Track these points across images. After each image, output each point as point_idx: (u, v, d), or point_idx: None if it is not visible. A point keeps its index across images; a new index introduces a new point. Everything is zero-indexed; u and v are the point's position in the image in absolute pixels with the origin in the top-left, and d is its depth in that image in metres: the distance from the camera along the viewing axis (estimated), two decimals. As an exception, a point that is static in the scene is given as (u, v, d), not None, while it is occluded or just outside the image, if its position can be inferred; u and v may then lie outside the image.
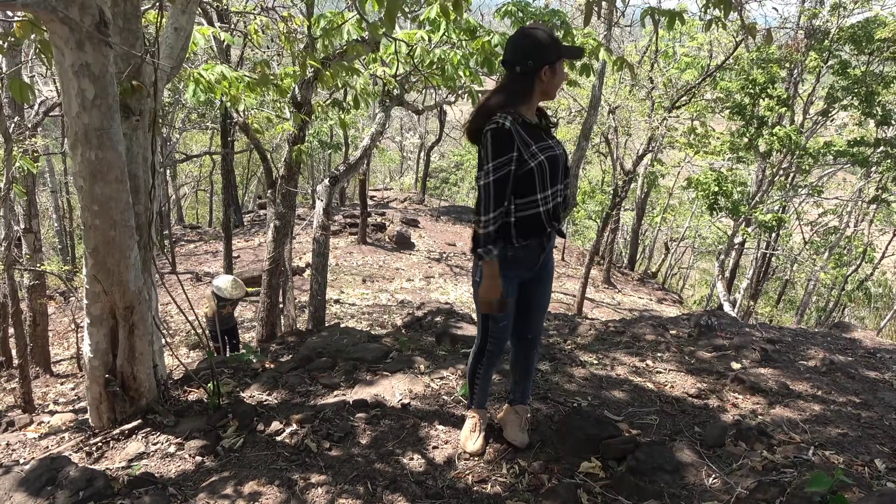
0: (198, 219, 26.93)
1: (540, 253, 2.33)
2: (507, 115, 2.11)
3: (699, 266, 25.93)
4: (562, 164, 2.24)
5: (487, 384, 2.64)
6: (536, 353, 2.60)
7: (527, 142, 2.14)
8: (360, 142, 8.33)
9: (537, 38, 2.13)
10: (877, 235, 17.47)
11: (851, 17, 11.60)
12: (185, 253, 16.03)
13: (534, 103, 2.23)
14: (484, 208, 2.13)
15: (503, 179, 2.12)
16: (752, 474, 2.31)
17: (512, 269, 2.30)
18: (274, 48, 9.42)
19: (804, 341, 4.55)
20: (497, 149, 2.09)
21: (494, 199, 2.12)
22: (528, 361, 2.60)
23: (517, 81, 2.17)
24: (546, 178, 2.18)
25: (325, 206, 6.66)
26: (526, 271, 2.36)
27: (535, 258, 2.33)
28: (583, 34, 5.42)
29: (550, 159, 2.18)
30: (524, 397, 2.67)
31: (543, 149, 2.17)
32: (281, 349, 5.24)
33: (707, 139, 12.89)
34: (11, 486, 2.27)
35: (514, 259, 2.28)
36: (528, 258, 2.31)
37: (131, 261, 2.66)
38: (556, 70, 2.15)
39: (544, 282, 2.47)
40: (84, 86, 2.31)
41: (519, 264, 2.31)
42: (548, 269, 2.47)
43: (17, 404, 6.60)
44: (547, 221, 2.25)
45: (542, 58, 2.11)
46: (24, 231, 7.70)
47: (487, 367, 2.56)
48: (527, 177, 2.15)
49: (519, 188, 2.17)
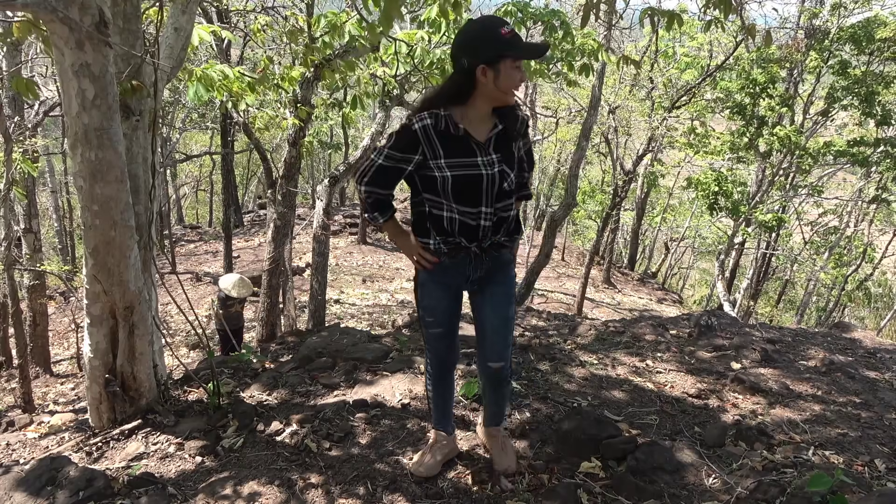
0: (198, 219, 26.94)
1: (469, 265, 2.10)
2: (428, 117, 1.92)
3: (699, 266, 25.95)
4: (489, 185, 1.97)
5: (440, 402, 2.39)
6: (505, 388, 2.32)
7: (436, 151, 1.93)
8: (360, 142, 8.34)
9: (475, 32, 1.88)
10: (877, 235, 17.48)
11: (851, 17, 11.61)
12: (185, 253, 16.05)
13: (478, 107, 1.96)
14: (359, 177, 2.06)
15: (389, 171, 2.00)
16: (752, 474, 2.31)
17: (438, 272, 2.13)
18: (275, 48, 9.43)
19: (804, 341, 4.55)
20: (397, 144, 1.95)
21: (371, 178, 2.03)
22: (495, 395, 2.34)
23: (451, 80, 1.96)
24: (449, 194, 1.96)
25: (325, 206, 6.66)
26: (459, 280, 2.14)
27: (462, 268, 2.10)
28: (582, 35, 5.42)
29: (463, 178, 1.94)
30: (495, 419, 2.42)
31: (460, 165, 1.94)
32: (281, 349, 5.24)
33: (707, 139, 12.89)
34: (11, 486, 2.27)
35: (439, 263, 2.11)
36: (454, 266, 2.10)
37: (131, 261, 2.66)
38: (501, 70, 1.87)
39: (492, 297, 2.18)
40: (84, 86, 2.31)
41: (444, 270, 2.12)
42: (496, 285, 2.18)
43: (17, 404, 6.60)
44: (461, 233, 2.02)
45: (477, 55, 1.86)
46: (24, 231, 7.70)
47: (433, 383, 2.36)
48: (431, 181, 1.98)
49: (426, 186, 2.01)
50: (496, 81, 1.89)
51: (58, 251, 16.47)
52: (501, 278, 2.19)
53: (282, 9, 6.63)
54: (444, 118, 1.93)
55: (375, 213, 2.12)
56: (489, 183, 1.97)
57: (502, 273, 2.19)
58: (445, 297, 2.19)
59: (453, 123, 1.93)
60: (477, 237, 2.04)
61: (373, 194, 2.08)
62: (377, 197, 2.09)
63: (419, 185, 2.04)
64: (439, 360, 2.32)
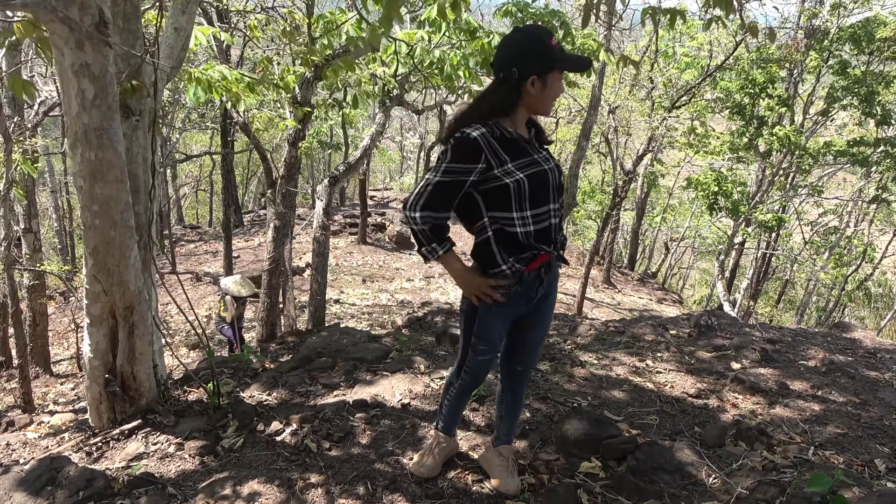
0: (198, 219, 26.94)
1: (538, 284, 2.03)
2: (481, 126, 1.86)
3: (699, 266, 25.95)
4: (553, 181, 1.96)
5: (456, 411, 2.39)
6: (524, 390, 2.33)
7: (501, 158, 1.86)
8: (360, 142, 8.34)
9: (526, 42, 1.86)
10: (877, 235, 17.48)
11: (851, 17, 11.61)
12: (185, 253, 16.04)
13: (519, 117, 1.94)
14: (411, 204, 1.87)
15: (448, 188, 1.85)
16: (752, 474, 2.31)
17: (506, 304, 2.01)
18: (274, 48, 9.43)
19: (804, 341, 4.55)
20: (456, 157, 1.83)
21: (426, 201, 1.85)
22: (514, 395, 2.31)
23: (499, 91, 1.90)
24: (525, 197, 1.89)
25: (325, 206, 6.66)
26: (522, 305, 2.06)
27: (531, 290, 2.03)
28: (583, 35, 5.42)
29: (534, 176, 1.90)
30: (509, 436, 2.38)
31: (526, 165, 1.90)
32: (281, 349, 5.24)
33: (707, 139, 12.89)
34: (11, 486, 2.27)
35: (505, 294, 1.99)
36: (525, 290, 2.01)
37: (131, 261, 2.66)
38: (548, 82, 1.86)
39: (543, 316, 2.17)
40: (84, 86, 2.31)
41: (512, 298, 2.01)
42: (548, 301, 2.16)
43: (17, 404, 6.60)
44: (539, 240, 1.95)
45: (528, 67, 1.84)
46: (23, 231, 7.70)
47: (458, 396, 2.31)
48: (500, 192, 1.89)
49: (493, 203, 1.92)
50: (543, 92, 1.88)
51: (58, 251, 16.46)
52: (553, 299, 2.18)
53: (281, 8, 6.62)
54: (493, 125, 1.88)
55: (434, 245, 1.90)
56: (553, 177, 1.97)
57: (553, 293, 2.17)
58: (505, 325, 2.11)
59: (505, 129, 1.90)
60: (552, 238, 1.99)
61: (429, 219, 1.87)
62: (434, 223, 1.88)
63: (484, 204, 1.94)
64: (476, 381, 2.24)
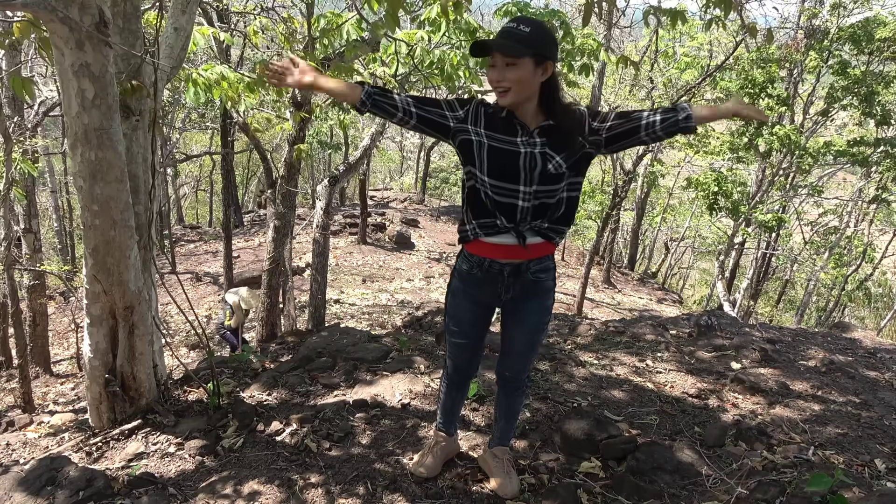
0: (198, 219, 26.93)
1: (501, 281, 2.03)
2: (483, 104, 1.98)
3: (699, 266, 25.94)
4: (526, 164, 1.90)
5: (449, 405, 2.40)
6: (518, 397, 2.30)
7: (479, 122, 1.93)
8: (359, 142, 8.33)
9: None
10: (877, 235, 17.48)
11: (851, 17, 11.60)
12: (185, 253, 16.03)
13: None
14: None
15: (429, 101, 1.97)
16: (752, 474, 2.31)
17: (470, 284, 2.09)
18: (274, 49, 9.43)
19: (804, 341, 4.55)
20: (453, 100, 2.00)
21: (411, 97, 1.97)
22: (508, 401, 2.32)
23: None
24: (484, 161, 1.91)
25: (325, 206, 6.66)
26: (488, 295, 2.08)
27: (494, 285, 2.05)
28: (582, 34, 5.42)
29: (498, 149, 1.91)
30: (503, 439, 2.38)
31: (498, 138, 1.92)
32: (281, 349, 5.24)
33: (707, 139, 12.89)
34: (11, 486, 2.27)
35: (468, 273, 2.06)
36: (486, 281, 2.05)
37: (131, 261, 2.66)
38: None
39: (521, 321, 2.13)
40: (84, 86, 2.31)
41: (476, 283, 2.07)
42: (528, 308, 2.11)
43: (17, 404, 6.59)
44: (500, 210, 1.94)
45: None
46: (24, 231, 7.70)
47: (447, 389, 2.36)
48: (466, 146, 1.93)
49: (463, 155, 1.97)
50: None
51: (58, 251, 16.45)
52: (537, 307, 2.11)
53: (280, 9, 6.62)
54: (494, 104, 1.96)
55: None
56: (527, 161, 1.90)
57: (539, 301, 2.11)
58: (473, 310, 2.14)
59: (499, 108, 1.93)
60: (516, 218, 1.94)
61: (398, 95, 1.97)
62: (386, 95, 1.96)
63: (461, 156, 1.99)
64: (456, 369, 2.29)
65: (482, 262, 2.02)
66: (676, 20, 3.43)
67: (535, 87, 1.89)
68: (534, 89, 1.89)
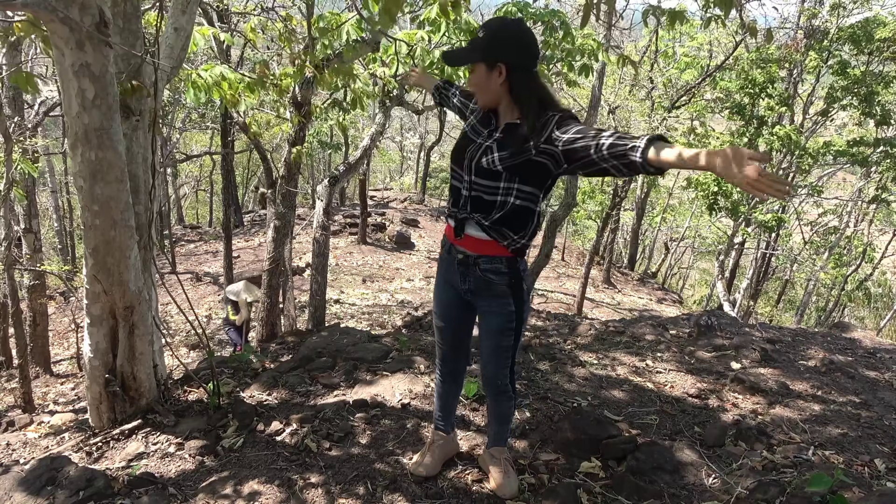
0: (198, 219, 26.93)
1: (457, 267, 2.09)
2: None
3: (699, 266, 25.94)
4: (472, 153, 1.98)
5: (441, 399, 2.42)
6: (503, 401, 2.25)
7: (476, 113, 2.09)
8: (360, 142, 8.33)
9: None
10: (877, 235, 17.48)
11: (851, 17, 11.61)
12: (185, 253, 16.03)
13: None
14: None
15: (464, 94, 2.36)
16: (752, 474, 2.31)
17: (440, 262, 2.24)
18: (274, 48, 9.43)
19: (804, 341, 4.56)
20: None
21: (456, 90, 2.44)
22: (491, 405, 2.32)
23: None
24: (454, 146, 2.11)
25: (325, 206, 6.66)
26: (453, 274, 2.14)
27: (452, 268, 2.12)
28: (582, 35, 5.42)
29: (462, 137, 2.09)
30: (498, 439, 2.37)
31: (471, 130, 2.06)
32: (281, 349, 5.24)
33: (707, 139, 12.89)
34: (11, 486, 2.27)
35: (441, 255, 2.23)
36: (448, 262, 2.16)
37: (131, 261, 2.66)
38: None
39: (486, 326, 2.14)
40: (84, 86, 2.31)
41: (443, 264, 2.21)
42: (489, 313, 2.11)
43: (17, 404, 6.59)
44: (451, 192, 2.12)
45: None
46: (24, 231, 7.70)
47: (439, 381, 2.40)
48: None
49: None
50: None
51: (58, 251, 16.44)
52: (498, 308, 2.08)
53: (280, 9, 6.62)
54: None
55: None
56: (472, 150, 2.00)
57: (498, 301, 2.07)
58: (447, 291, 2.23)
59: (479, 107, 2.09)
60: (458, 203, 2.07)
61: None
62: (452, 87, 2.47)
63: None
64: (443, 359, 2.36)
65: (444, 243, 2.19)
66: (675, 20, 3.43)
67: (494, 88, 1.92)
68: (493, 91, 1.92)
